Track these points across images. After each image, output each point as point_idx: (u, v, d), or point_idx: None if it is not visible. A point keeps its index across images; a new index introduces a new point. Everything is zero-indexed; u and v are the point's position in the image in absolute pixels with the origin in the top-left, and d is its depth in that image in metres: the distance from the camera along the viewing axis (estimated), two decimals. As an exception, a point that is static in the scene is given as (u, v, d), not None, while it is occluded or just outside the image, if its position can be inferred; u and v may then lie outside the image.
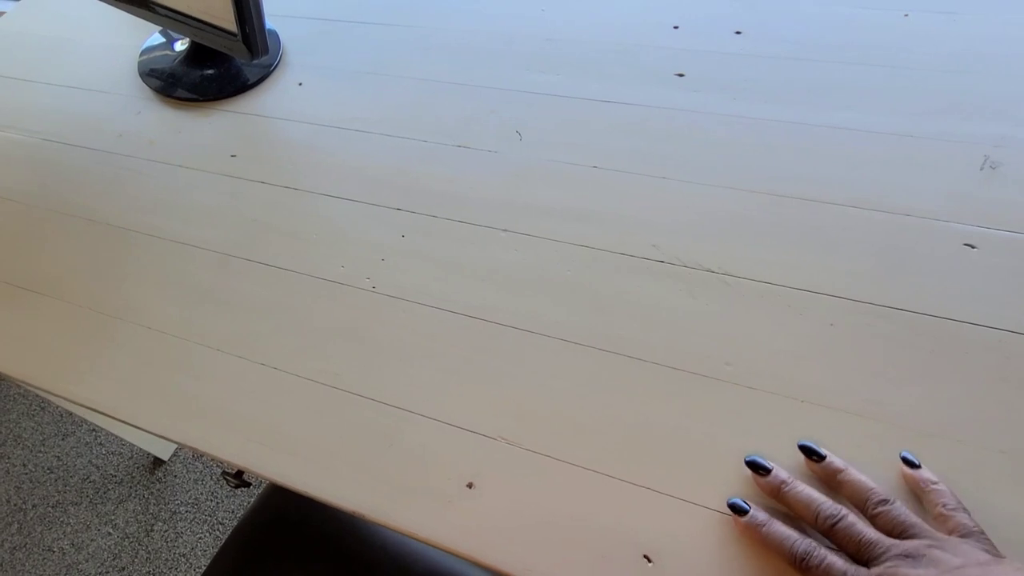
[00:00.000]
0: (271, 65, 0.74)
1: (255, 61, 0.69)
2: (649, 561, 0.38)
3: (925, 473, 0.37)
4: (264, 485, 0.74)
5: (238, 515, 1.25)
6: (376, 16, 0.76)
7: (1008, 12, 0.61)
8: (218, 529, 1.25)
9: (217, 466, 1.33)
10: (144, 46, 0.80)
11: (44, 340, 0.54)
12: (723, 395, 0.43)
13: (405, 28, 0.74)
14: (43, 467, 1.39)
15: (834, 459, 0.38)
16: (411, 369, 0.48)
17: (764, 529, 0.36)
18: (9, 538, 1.30)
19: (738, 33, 0.64)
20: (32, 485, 1.37)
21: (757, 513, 0.37)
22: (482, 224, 0.55)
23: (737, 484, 0.40)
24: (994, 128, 0.53)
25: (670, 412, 0.43)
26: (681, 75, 0.62)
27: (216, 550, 1.21)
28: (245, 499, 1.27)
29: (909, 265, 0.47)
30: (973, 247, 0.47)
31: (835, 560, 0.33)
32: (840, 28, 0.63)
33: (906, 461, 0.38)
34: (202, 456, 1.23)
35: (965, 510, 0.35)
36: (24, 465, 1.40)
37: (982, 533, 0.33)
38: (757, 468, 0.39)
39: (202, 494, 1.29)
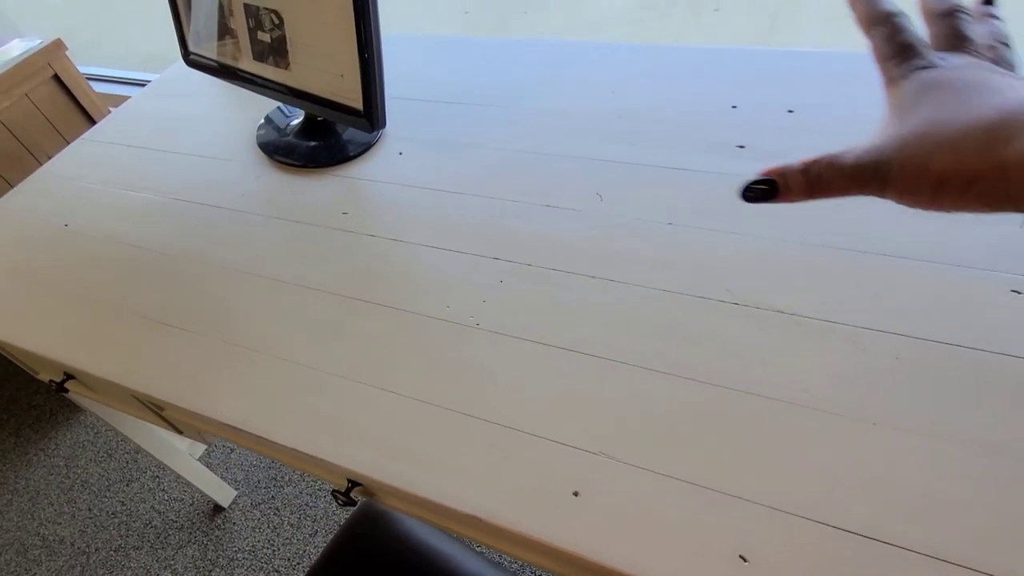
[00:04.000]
0: (372, 140, 0.85)
1: (372, 132, 0.80)
2: (745, 560, 0.42)
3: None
4: (351, 513, 0.79)
5: (295, 564, 1.28)
6: (466, 98, 0.88)
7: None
8: (274, 577, 1.28)
9: (324, 485, 1.37)
10: (260, 121, 0.92)
11: (184, 366, 0.62)
12: (801, 418, 0.49)
13: (492, 108, 0.85)
14: (107, 512, 1.44)
15: None
16: (515, 394, 0.54)
17: None
18: (72, 581, 1.34)
19: (790, 112, 0.73)
20: (96, 529, 1.42)
21: None
22: (572, 271, 0.62)
23: (822, 495, 0.44)
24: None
25: (753, 433, 0.48)
26: (742, 147, 0.70)
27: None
28: (301, 547, 1.30)
29: (958, 308, 0.53)
30: (1020, 293, 0.53)
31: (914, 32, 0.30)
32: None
33: None
34: (311, 476, 1.28)
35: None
36: (89, 509, 1.45)
37: None
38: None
39: (259, 542, 1.33)
